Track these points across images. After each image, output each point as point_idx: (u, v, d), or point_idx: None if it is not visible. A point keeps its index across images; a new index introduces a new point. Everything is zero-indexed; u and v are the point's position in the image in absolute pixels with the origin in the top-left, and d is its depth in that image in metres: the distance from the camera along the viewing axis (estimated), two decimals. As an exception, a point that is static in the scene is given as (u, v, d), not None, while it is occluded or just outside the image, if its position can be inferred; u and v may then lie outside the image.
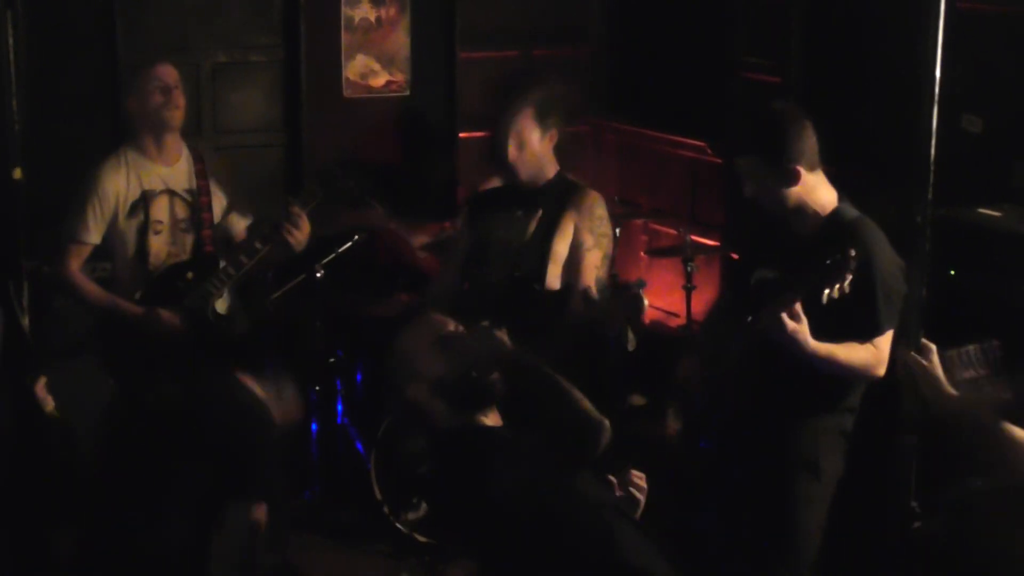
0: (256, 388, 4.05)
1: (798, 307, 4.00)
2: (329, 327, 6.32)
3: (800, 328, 4.01)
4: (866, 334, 4.16)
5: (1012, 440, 3.37)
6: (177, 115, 5.40)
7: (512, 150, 4.93)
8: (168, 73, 5.40)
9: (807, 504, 4.40)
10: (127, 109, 5.40)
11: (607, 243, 5.02)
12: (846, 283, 3.94)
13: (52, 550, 4.28)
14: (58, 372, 4.67)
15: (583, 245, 4.95)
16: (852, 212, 4.31)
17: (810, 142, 4.23)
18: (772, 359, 4.25)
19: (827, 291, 3.94)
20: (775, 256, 4.37)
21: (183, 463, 3.68)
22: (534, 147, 4.96)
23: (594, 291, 4.78)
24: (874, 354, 4.20)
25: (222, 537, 3.68)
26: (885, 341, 4.21)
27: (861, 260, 4.04)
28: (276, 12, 7.26)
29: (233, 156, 6.35)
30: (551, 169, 5.03)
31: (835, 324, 4.06)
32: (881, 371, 4.21)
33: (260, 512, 3.71)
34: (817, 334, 4.04)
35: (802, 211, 4.29)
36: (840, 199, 4.30)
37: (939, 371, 3.56)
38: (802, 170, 4.20)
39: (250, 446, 3.74)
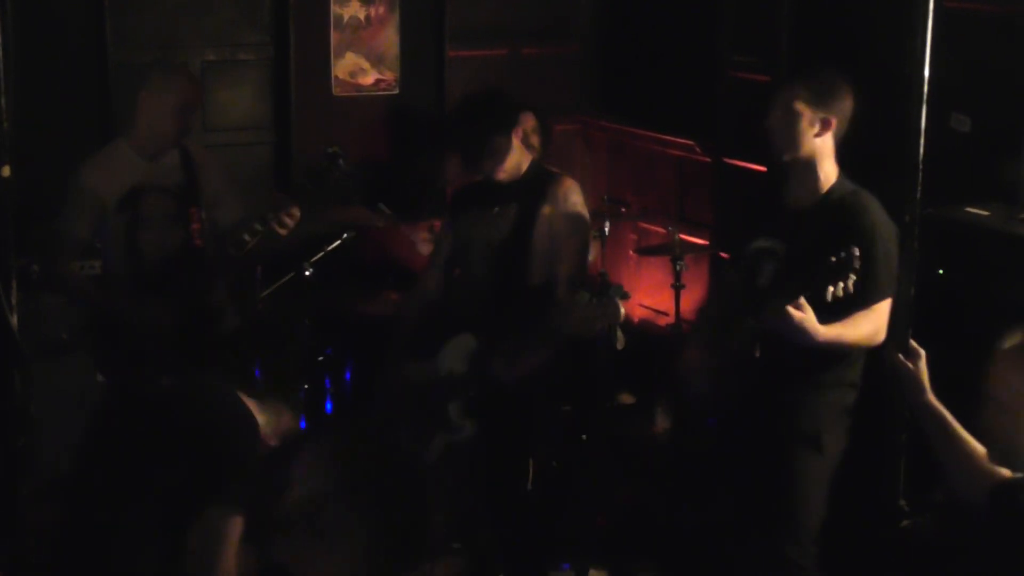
0: (253, 408, 4.02)
1: (803, 300, 4.10)
2: (318, 325, 6.32)
3: (806, 318, 4.12)
4: (868, 300, 4.29)
5: (970, 454, 3.39)
6: (186, 133, 5.41)
7: (490, 163, 4.97)
8: (195, 93, 5.38)
9: (809, 478, 4.48)
10: (138, 103, 5.36)
11: (585, 229, 5.04)
12: (850, 283, 4.02)
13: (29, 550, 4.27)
14: (41, 372, 4.67)
15: (561, 234, 4.97)
16: (850, 185, 4.48)
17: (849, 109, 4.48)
18: (775, 340, 4.30)
19: (831, 289, 4.03)
20: (773, 226, 4.43)
21: (164, 462, 3.64)
22: (508, 153, 4.99)
23: (578, 280, 4.82)
24: (874, 321, 4.34)
25: (195, 540, 3.65)
26: (885, 306, 4.35)
27: (862, 229, 4.14)
28: (265, 10, 7.25)
29: (222, 154, 6.34)
30: (525, 161, 5.06)
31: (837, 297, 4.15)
32: (882, 337, 4.34)
33: (236, 524, 3.66)
34: (820, 311, 4.15)
35: (808, 173, 4.45)
36: (839, 174, 4.47)
37: (924, 376, 3.57)
38: (834, 123, 4.43)
39: (232, 453, 3.69)
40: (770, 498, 4.56)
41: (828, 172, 4.49)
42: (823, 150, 4.47)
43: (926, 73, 3.54)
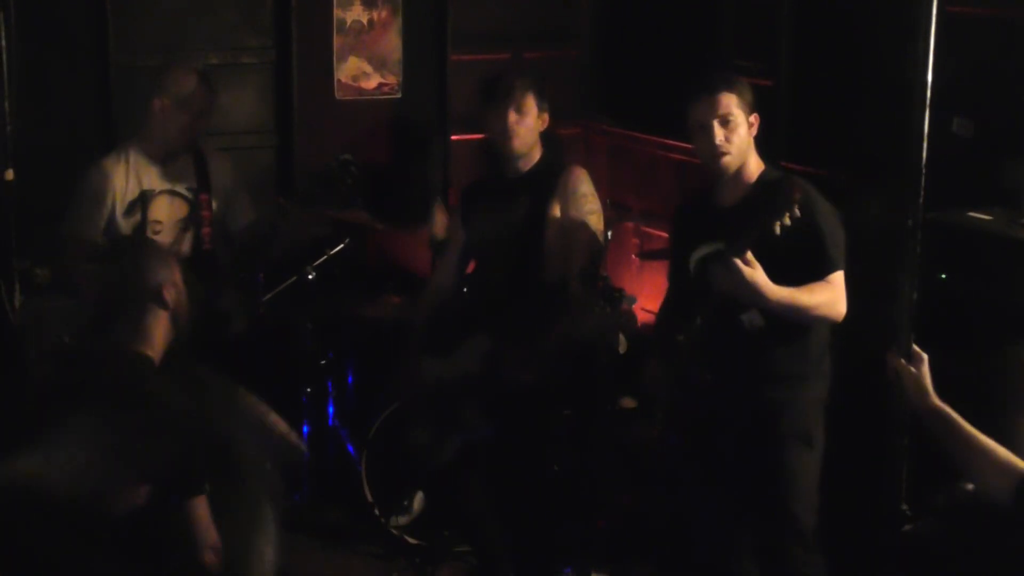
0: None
1: (750, 255, 4.15)
2: (320, 329, 6.33)
3: (756, 273, 4.14)
4: (820, 273, 4.36)
5: (982, 449, 3.38)
6: (197, 139, 5.42)
7: (513, 116, 4.96)
8: (204, 98, 5.39)
9: (805, 474, 4.50)
10: (151, 106, 5.38)
11: (597, 219, 5.03)
12: (795, 209, 4.06)
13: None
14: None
15: (572, 227, 4.96)
16: (777, 171, 4.61)
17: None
18: (734, 339, 4.34)
19: (778, 222, 4.06)
20: (709, 231, 4.44)
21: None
22: (532, 120, 4.99)
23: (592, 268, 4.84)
24: (830, 291, 4.39)
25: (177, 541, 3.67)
26: (840, 278, 4.42)
27: (803, 204, 4.16)
28: (268, 14, 7.25)
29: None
30: (537, 152, 5.06)
31: (788, 271, 4.26)
32: (842, 310, 4.42)
33: (199, 505, 3.68)
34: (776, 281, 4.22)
35: (741, 172, 4.53)
36: (764, 163, 4.57)
37: (927, 380, 3.57)
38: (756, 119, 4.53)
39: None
40: (766, 500, 4.58)
41: (754, 164, 4.54)
42: (751, 147, 4.55)
43: (928, 77, 3.54)
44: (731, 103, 4.49)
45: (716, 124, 4.49)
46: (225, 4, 7.14)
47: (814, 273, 4.36)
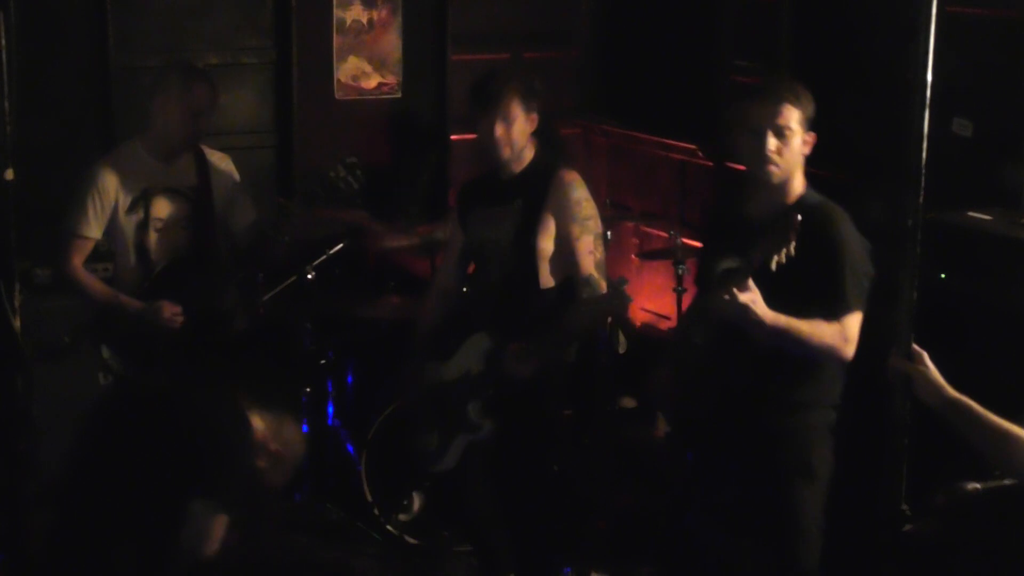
0: (253, 412, 3.99)
1: (749, 281, 4.06)
2: (320, 328, 6.33)
3: (753, 299, 4.07)
4: (833, 312, 4.25)
5: (1006, 434, 3.38)
6: (199, 138, 5.42)
7: (500, 128, 4.95)
8: (206, 97, 5.39)
9: (805, 511, 4.45)
10: (154, 104, 5.38)
11: (594, 224, 5.01)
12: (791, 246, 3.99)
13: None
14: (42, 375, 4.67)
15: (570, 236, 4.95)
16: (817, 196, 4.43)
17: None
18: (745, 355, 4.30)
19: (775, 257, 3.99)
20: (737, 244, 4.39)
21: (153, 460, 3.62)
22: (519, 127, 4.97)
23: (598, 276, 4.83)
24: (840, 332, 4.27)
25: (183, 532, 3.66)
26: (853, 321, 4.29)
27: (829, 239, 4.13)
28: (267, 14, 7.25)
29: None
30: (529, 152, 5.05)
31: (803, 303, 4.16)
32: (849, 352, 4.30)
33: (219, 524, 3.65)
34: (783, 311, 4.14)
35: (782, 188, 4.39)
36: (806, 185, 4.44)
37: (935, 374, 3.57)
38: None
39: (218, 451, 3.68)
40: (767, 537, 4.54)
41: (797, 183, 4.43)
42: (800, 168, 4.43)
43: (928, 77, 3.54)
44: (792, 117, 4.32)
45: (770, 132, 4.31)
46: (225, 4, 7.14)
47: (827, 311, 4.24)
